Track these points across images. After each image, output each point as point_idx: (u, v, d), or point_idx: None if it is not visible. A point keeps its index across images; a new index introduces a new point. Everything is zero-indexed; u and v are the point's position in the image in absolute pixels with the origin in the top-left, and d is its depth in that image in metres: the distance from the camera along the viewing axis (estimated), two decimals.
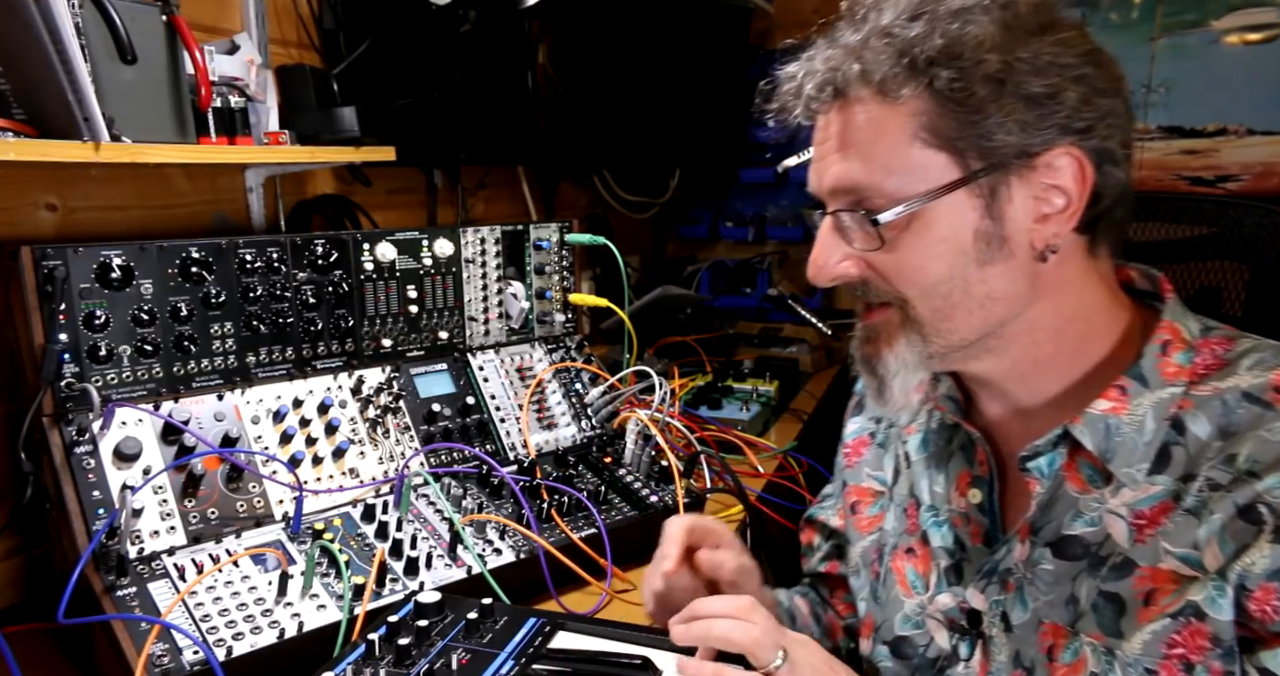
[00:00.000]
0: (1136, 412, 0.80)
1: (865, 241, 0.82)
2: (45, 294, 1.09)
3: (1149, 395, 0.80)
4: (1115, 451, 0.80)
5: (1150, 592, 0.77)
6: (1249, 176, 2.25)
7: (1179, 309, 0.86)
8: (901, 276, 0.82)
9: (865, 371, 0.89)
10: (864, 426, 1.12)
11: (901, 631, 0.98)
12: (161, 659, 0.95)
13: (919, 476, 1.00)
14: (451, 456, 1.40)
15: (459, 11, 1.77)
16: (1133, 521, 0.79)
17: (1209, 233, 1.12)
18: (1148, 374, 0.81)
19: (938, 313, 0.82)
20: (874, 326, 0.86)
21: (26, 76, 1.03)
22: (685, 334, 2.40)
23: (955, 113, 0.77)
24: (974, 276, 0.81)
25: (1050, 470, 0.84)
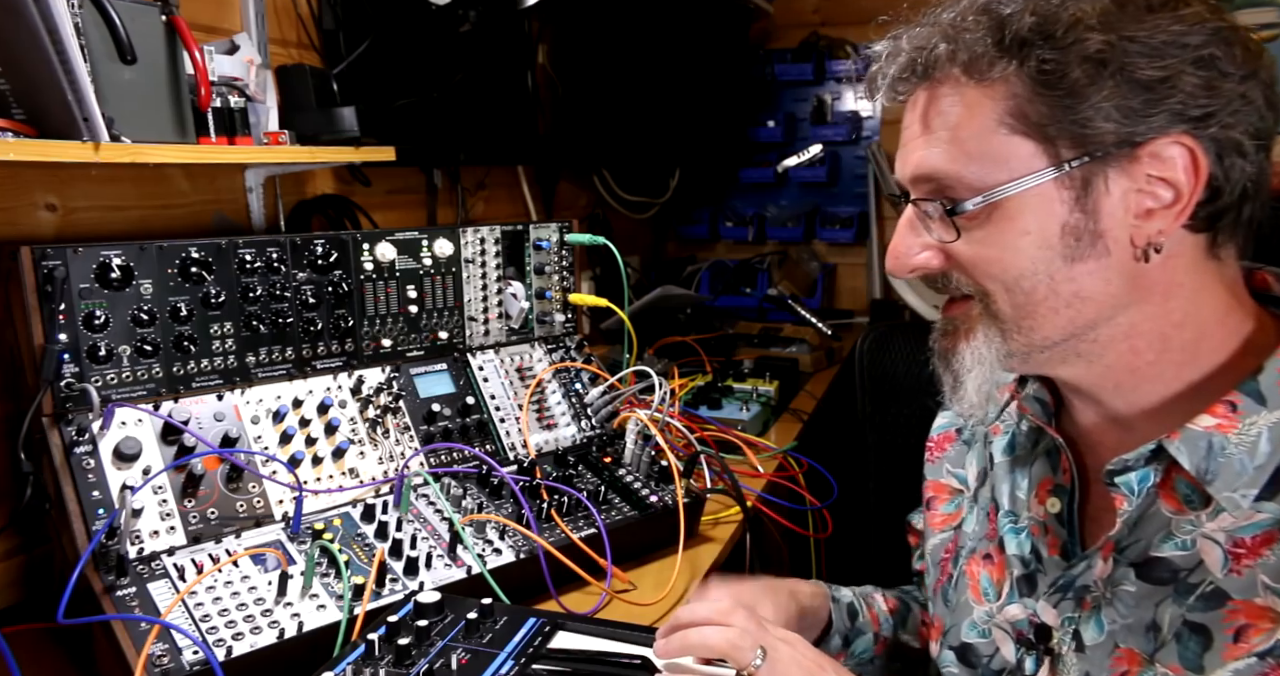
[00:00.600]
0: (1249, 433, 0.73)
1: (943, 232, 0.79)
2: (45, 294, 1.09)
3: (1266, 415, 0.73)
4: (1218, 473, 0.73)
5: (1241, 629, 0.71)
6: None
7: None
8: (979, 269, 0.78)
9: (941, 366, 0.86)
10: (952, 421, 1.08)
11: (968, 638, 0.95)
12: (161, 659, 0.95)
13: (1001, 479, 0.96)
14: (451, 456, 1.40)
15: (459, 11, 1.78)
16: (1230, 549, 0.72)
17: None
18: (1266, 390, 0.73)
19: (1019, 309, 0.78)
20: (953, 319, 0.83)
21: (26, 76, 1.03)
22: (685, 334, 2.41)
23: (1046, 97, 0.72)
24: (1061, 273, 0.75)
25: (1141, 487, 0.78)
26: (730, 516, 1.49)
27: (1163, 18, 0.71)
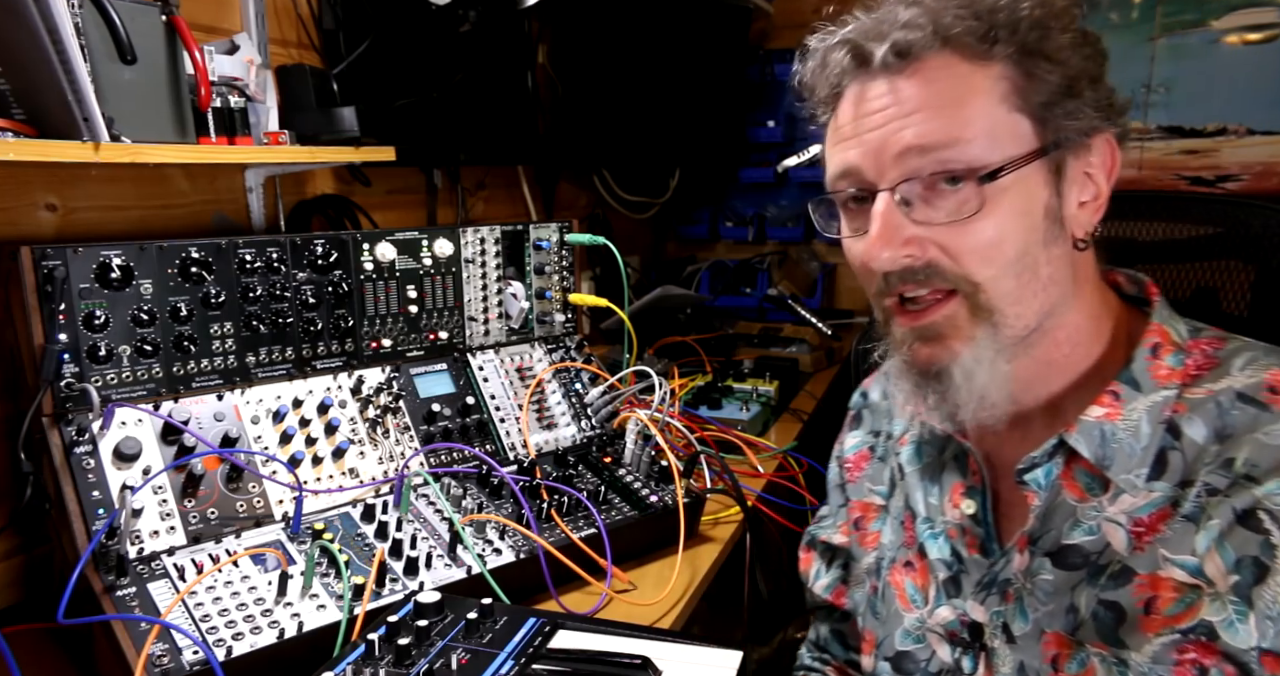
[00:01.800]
0: (1131, 418, 0.78)
1: (937, 213, 0.76)
2: (45, 294, 1.09)
3: (1142, 399, 0.78)
4: (1113, 458, 0.78)
5: (1150, 601, 0.75)
6: (1249, 176, 2.25)
7: (1166, 311, 0.84)
8: (977, 254, 0.76)
9: (922, 379, 0.82)
10: (864, 440, 1.10)
11: (902, 646, 0.96)
12: (161, 659, 0.95)
13: (913, 488, 0.98)
14: (451, 456, 1.40)
15: (459, 11, 1.77)
16: (1131, 529, 0.77)
17: (1214, 232, 1.12)
18: (1139, 377, 0.79)
19: (1009, 295, 0.77)
20: (934, 325, 0.79)
21: (26, 76, 1.03)
22: (685, 334, 2.41)
23: (1040, 79, 0.75)
24: (1041, 256, 0.78)
25: (1047, 481, 0.82)
26: (730, 516, 1.49)
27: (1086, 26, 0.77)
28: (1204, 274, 1.13)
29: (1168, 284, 1.15)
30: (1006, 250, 0.76)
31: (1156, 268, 1.16)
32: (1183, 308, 1.10)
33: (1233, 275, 1.11)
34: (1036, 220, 0.77)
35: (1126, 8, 2.35)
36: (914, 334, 0.81)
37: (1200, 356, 0.80)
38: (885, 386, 1.10)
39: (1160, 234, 1.16)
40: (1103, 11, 2.38)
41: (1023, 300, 0.78)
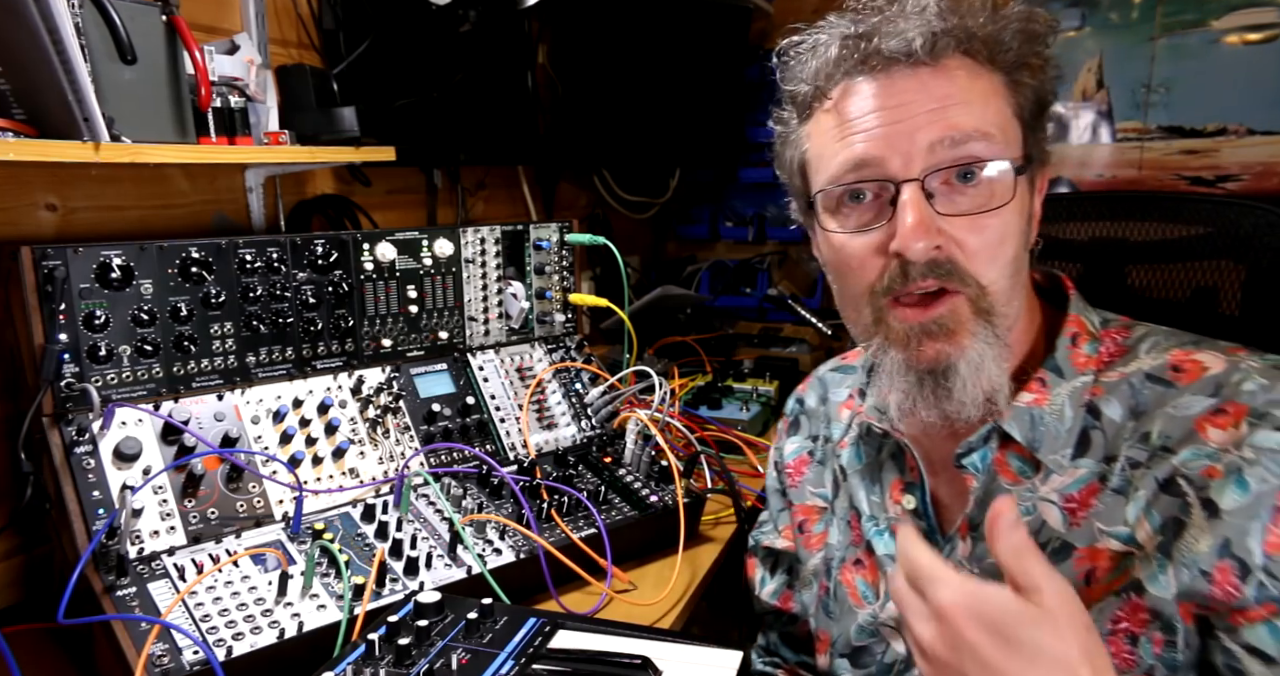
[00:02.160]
0: (1056, 402, 0.83)
1: (962, 203, 0.78)
2: (45, 294, 1.09)
3: (1065, 385, 0.84)
4: (1041, 440, 0.83)
5: (1090, 572, 0.79)
6: (1249, 176, 2.25)
7: (1081, 304, 0.89)
8: (986, 252, 0.78)
9: (927, 375, 0.81)
10: (802, 445, 1.13)
11: (858, 642, 0.99)
12: (161, 659, 0.95)
13: (856, 488, 1.01)
14: (451, 456, 1.40)
15: (459, 11, 1.77)
16: (1064, 506, 0.82)
17: (1205, 232, 1.12)
18: (1062, 365, 0.85)
19: (1003, 295, 0.80)
20: (942, 318, 0.80)
21: (26, 76, 1.03)
22: (685, 334, 2.41)
23: (1028, 93, 0.80)
24: (1022, 258, 0.83)
25: (984, 465, 0.86)
26: (731, 516, 1.49)
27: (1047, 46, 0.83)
28: (1196, 274, 1.13)
29: (1162, 284, 1.16)
30: (1008, 249, 0.80)
31: (1150, 268, 1.16)
32: (1181, 308, 1.11)
33: (1224, 275, 1.12)
34: (1025, 224, 0.83)
35: (1126, 8, 2.35)
36: (921, 329, 0.81)
37: (1112, 344, 0.86)
38: (821, 392, 1.14)
39: (1152, 234, 1.17)
40: (1103, 11, 2.38)
41: (1012, 301, 0.82)
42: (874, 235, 0.81)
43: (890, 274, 0.80)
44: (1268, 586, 0.70)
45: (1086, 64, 2.42)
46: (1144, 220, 1.17)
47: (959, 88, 0.78)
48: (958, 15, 0.78)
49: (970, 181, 0.78)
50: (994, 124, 0.78)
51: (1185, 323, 0.97)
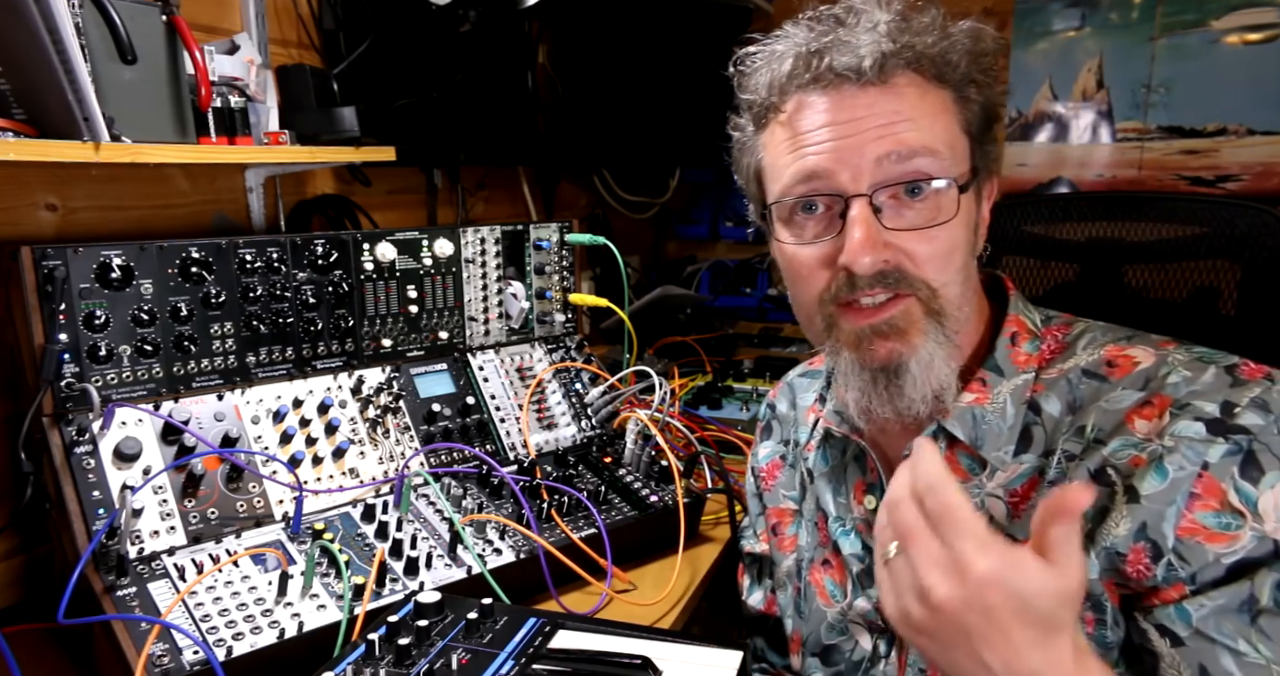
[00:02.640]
0: (998, 401, 0.86)
1: (911, 217, 0.81)
2: (45, 294, 1.09)
3: (1006, 384, 0.86)
4: (984, 438, 0.86)
5: None
6: (1249, 176, 2.25)
7: (1021, 303, 0.91)
8: (936, 260, 0.81)
9: (880, 372, 0.84)
10: (775, 450, 1.15)
11: (828, 640, 1.01)
12: (161, 659, 0.95)
13: (823, 491, 1.04)
14: (451, 456, 1.40)
15: (459, 11, 1.77)
16: (1009, 501, 0.84)
17: (1202, 232, 1.13)
18: (1002, 364, 0.87)
19: (955, 300, 0.84)
20: (893, 319, 0.83)
21: (26, 76, 1.03)
22: (685, 334, 2.41)
23: (975, 108, 0.84)
24: (971, 265, 0.87)
25: None
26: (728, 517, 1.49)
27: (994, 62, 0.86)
28: (1193, 274, 1.14)
29: (1159, 284, 1.16)
30: (956, 258, 0.83)
31: (1147, 268, 1.17)
32: (1178, 308, 1.11)
33: (1221, 275, 1.12)
34: (972, 233, 0.86)
35: (1126, 8, 2.35)
36: (871, 330, 0.83)
37: (1053, 341, 0.88)
38: (790, 397, 1.17)
39: (1150, 234, 1.17)
40: (1103, 11, 2.38)
41: (962, 305, 0.85)
42: (824, 247, 0.84)
43: (838, 284, 0.83)
44: (1177, 568, 0.72)
45: (1086, 64, 2.42)
46: (1141, 220, 1.17)
47: (907, 105, 0.80)
48: (908, 34, 0.81)
49: (918, 196, 0.81)
50: (941, 140, 0.81)
51: (1182, 322, 0.98)
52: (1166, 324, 0.91)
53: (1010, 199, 0.93)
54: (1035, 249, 1.27)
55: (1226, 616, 0.70)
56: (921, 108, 0.81)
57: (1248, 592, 0.70)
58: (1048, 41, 2.48)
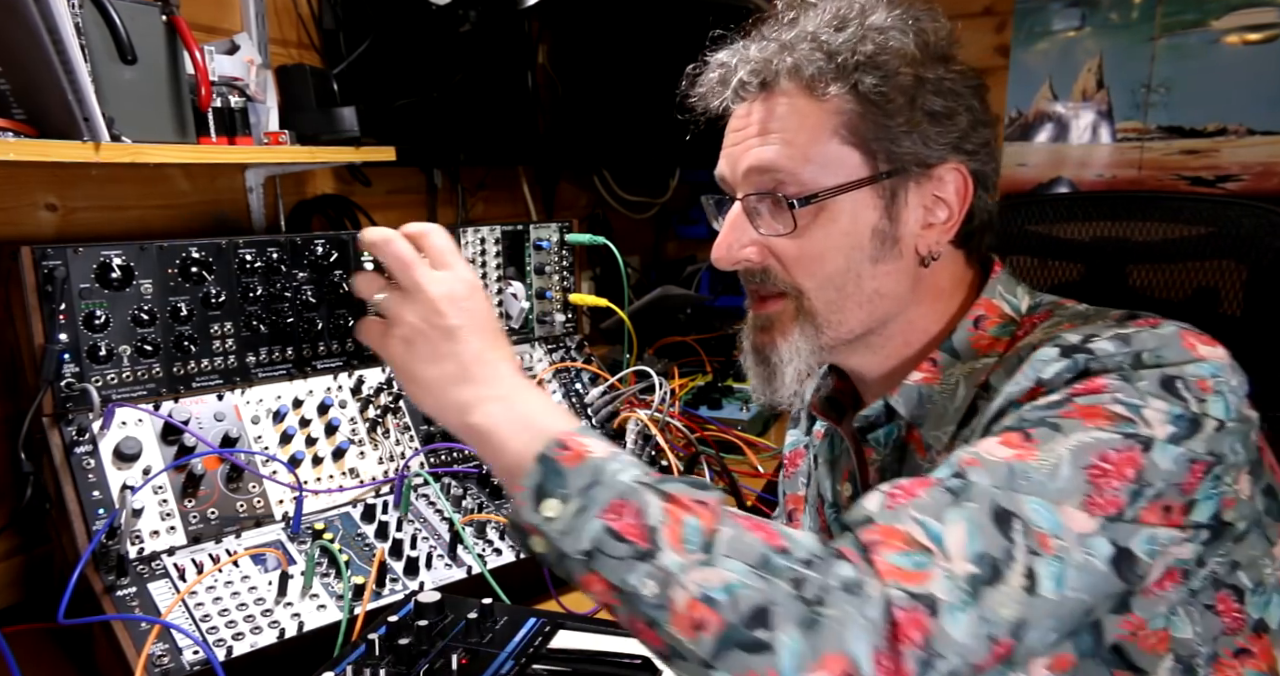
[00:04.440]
0: (949, 381, 0.87)
1: (774, 226, 0.85)
2: (45, 294, 1.09)
3: (961, 366, 0.87)
4: (925, 417, 0.87)
5: None
6: (1249, 176, 2.25)
7: (999, 288, 0.91)
8: (802, 266, 0.85)
9: (755, 361, 0.91)
10: (799, 439, 1.17)
11: None
12: (161, 659, 0.95)
13: (823, 478, 1.06)
14: (451, 456, 1.40)
15: (459, 11, 1.77)
16: None
17: (1207, 232, 1.13)
18: (959, 347, 0.88)
19: (830, 304, 0.86)
20: (768, 316, 0.89)
21: (26, 76, 1.03)
22: (685, 334, 2.40)
23: (873, 116, 0.83)
24: (866, 272, 0.86)
25: (887, 439, 0.92)
26: None
27: (948, 67, 0.85)
28: (1199, 274, 1.14)
29: (1164, 284, 1.16)
30: (826, 265, 0.85)
31: (1152, 268, 1.17)
32: (1183, 308, 1.11)
33: (1226, 275, 1.12)
34: (861, 240, 0.85)
35: (1126, 8, 2.35)
36: (754, 320, 0.91)
37: (1029, 328, 0.87)
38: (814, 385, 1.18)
39: (1155, 234, 1.17)
40: (1103, 11, 2.38)
41: (844, 310, 0.86)
42: None
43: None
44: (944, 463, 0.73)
45: (1086, 64, 2.42)
46: (1145, 220, 1.17)
47: (776, 118, 0.84)
48: (787, 52, 0.84)
49: (780, 206, 0.85)
50: (800, 154, 0.83)
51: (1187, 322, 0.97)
52: None
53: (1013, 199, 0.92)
54: (1039, 248, 1.26)
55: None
56: (789, 121, 0.84)
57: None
58: (1048, 41, 2.47)
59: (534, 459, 0.67)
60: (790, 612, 0.62)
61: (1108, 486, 0.67)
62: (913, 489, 0.70)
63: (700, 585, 0.63)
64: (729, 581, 0.62)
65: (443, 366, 0.72)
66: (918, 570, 0.64)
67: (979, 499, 0.67)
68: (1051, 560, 0.65)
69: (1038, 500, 0.66)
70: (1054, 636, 0.66)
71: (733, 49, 0.91)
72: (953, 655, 0.61)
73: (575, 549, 0.65)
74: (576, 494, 0.66)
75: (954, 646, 0.61)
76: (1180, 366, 0.72)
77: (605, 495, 0.66)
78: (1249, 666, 0.76)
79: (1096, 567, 0.65)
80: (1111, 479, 0.67)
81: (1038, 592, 0.64)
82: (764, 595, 0.62)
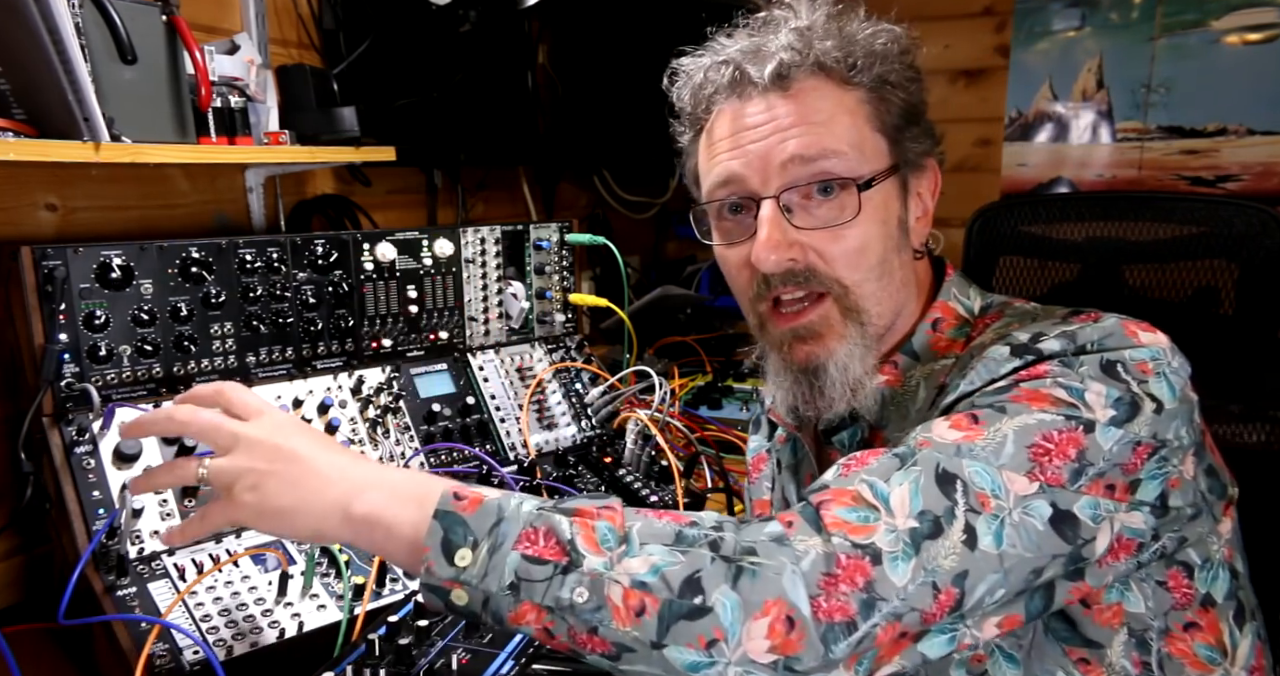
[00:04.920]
0: (910, 384, 0.88)
1: (820, 217, 0.84)
2: (45, 294, 1.09)
3: (921, 368, 0.89)
4: (889, 419, 0.89)
5: None
6: (1249, 176, 2.25)
7: (953, 290, 0.92)
8: (849, 258, 0.84)
9: (801, 374, 0.88)
10: (761, 443, 1.17)
11: None
12: (161, 659, 0.95)
13: (787, 483, 1.07)
14: (451, 456, 1.40)
15: (459, 11, 1.77)
16: None
17: (1200, 232, 1.13)
18: (919, 349, 0.89)
19: (873, 296, 0.86)
20: (809, 325, 0.87)
21: (26, 76, 1.03)
22: (685, 334, 2.40)
23: (889, 106, 0.85)
24: (894, 260, 0.87)
25: (851, 441, 0.92)
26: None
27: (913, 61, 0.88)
28: (1191, 273, 1.14)
29: (1158, 283, 1.17)
30: (870, 256, 0.85)
31: (1146, 267, 1.17)
32: (1177, 307, 1.11)
33: (1219, 274, 1.12)
34: (892, 229, 0.86)
35: (1126, 8, 2.35)
36: (791, 333, 0.88)
37: (982, 328, 0.89)
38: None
39: (1149, 234, 1.17)
40: (1103, 11, 2.38)
41: (882, 300, 0.87)
42: (743, 248, 0.87)
43: (757, 283, 0.88)
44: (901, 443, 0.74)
45: (1086, 64, 2.42)
46: (1140, 220, 1.17)
47: (810, 109, 0.83)
48: (812, 41, 0.84)
49: (830, 195, 0.83)
50: (845, 141, 0.83)
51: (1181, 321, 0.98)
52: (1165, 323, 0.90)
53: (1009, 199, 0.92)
54: (1034, 249, 1.27)
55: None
56: (824, 110, 0.83)
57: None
58: (1048, 41, 2.47)
59: (431, 518, 0.68)
60: (717, 572, 0.64)
61: (1049, 464, 0.70)
62: (865, 458, 0.73)
63: (629, 574, 0.65)
64: (654, 563, 0.65)
65: (303, 485, 0.73)
66: (863, 524, 0.67)
67: (924, 464, 0.70)
68: (990, 518, 0.67)
69: (980, 464, 0.69)
70: (1001, 592, 0.68)
71: (731, 47, 0.89)
72: (895, 598, 0.64)
73: (499, 586, 0.66)
74: (485, 535, 0.67)
75: (896, 590, 0.64)
76: (1119, 351, 0.75)
77: (513, 528, 0.67)
78: (1198, 639, 0.79)
79: (1034, 527, 0.68)
80: (1054, 458, 0.70)
81: (978, 547, 0.67)
82: (689, 565, 0.65)
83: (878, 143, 0.85)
